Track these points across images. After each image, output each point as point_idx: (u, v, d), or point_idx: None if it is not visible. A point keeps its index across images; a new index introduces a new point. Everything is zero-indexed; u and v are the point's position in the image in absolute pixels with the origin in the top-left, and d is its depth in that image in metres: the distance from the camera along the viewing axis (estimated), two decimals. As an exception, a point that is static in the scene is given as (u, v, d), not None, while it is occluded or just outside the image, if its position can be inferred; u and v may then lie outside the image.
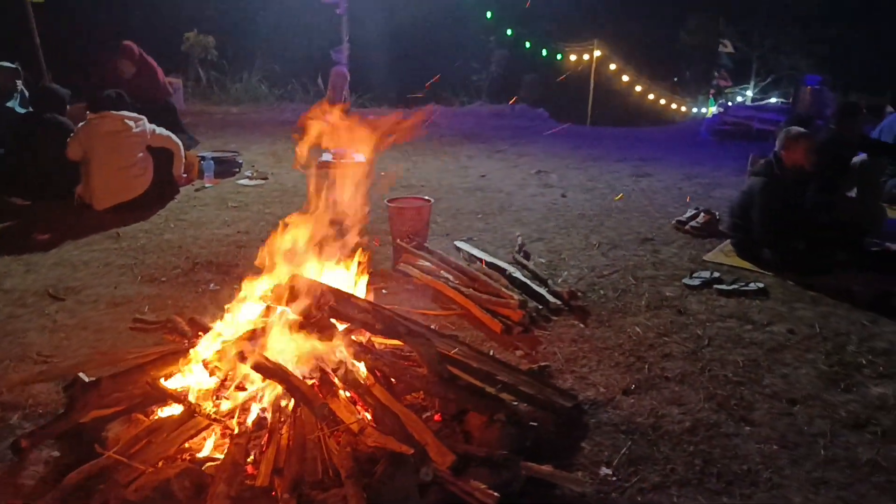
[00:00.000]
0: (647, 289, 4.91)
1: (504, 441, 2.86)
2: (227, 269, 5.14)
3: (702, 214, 6.24)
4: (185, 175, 7.32)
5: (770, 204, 5.22)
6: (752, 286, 4.88)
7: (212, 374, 2.91)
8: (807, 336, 4.18)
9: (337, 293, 3.07)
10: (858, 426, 3.24)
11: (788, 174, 5.29)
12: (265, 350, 2.91)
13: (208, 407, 2.87)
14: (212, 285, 4.83)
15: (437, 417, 3.10)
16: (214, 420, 2.78)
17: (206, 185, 7.52)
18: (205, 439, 2.87)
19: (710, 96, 16.80)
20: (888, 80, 14.53)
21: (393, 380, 3.13)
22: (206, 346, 3.04)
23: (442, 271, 4.85)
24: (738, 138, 11.86)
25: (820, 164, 5.69)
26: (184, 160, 7.08)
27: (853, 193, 6.86)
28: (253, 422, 2.82)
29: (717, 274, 5.09)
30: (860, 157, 6.71)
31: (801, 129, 5.42)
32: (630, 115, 14.71)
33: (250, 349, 2.85)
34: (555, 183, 8.25)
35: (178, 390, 2.94)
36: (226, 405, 2.91)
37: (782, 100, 15.18)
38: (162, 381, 3.01)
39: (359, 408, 2.93)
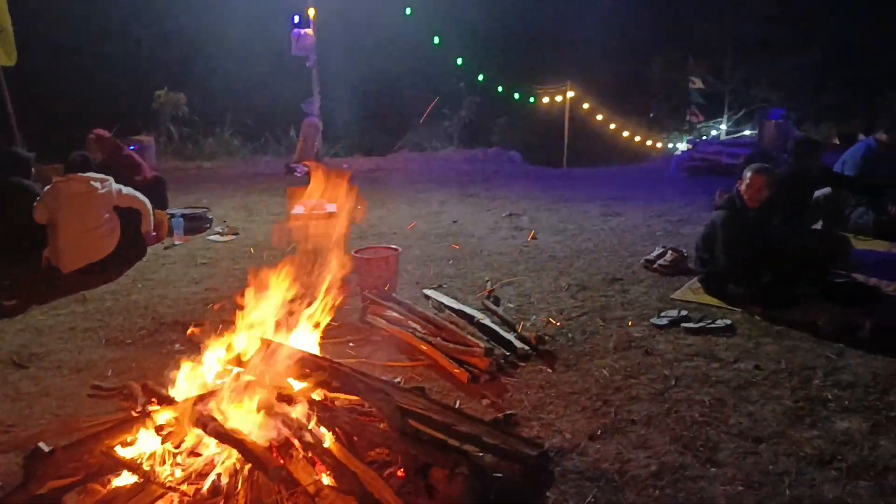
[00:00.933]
0: (616, 330, 4.91)
1: (467, 494, 2.83)
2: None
3: (669, 252, 6.28)
4: (154, 234, 7.29)
5: (732, 236, 5.27)
6: (720, 323, 4.90)
7: (165, 440, 2.86)
8: (773, 371, 4.19)
9: (293, 352, 3.05)
10: (823, 463, 3.23)
11: (748, 207, 5.36)
12: (219, 413, 2.87)
13: (164, 474, 2.81)
14: (177, 346, 4.78)
15: (400, 473, 3.06)
16: (169, 488, 2.73)
17: (176, 242, 7.50)
18: (162, 507, 2.82)
19: (683, 132, 17.07)
20: (861, 108, 14.87)
21: (354, 437, 3.10)
22: (160, 412, 2.99)
23: (409, 321, 4.84)
24: (707, 174, 12.01)
25: (783, 198, 5.78)
26: (152, 218, 7.06)
27: (818, 226, 6.97)
28: (208, 488, 2.77)
29: (684, 312, 5.11)
30: (824, 191, 6.82)
31: (761, 164, 5.50)
32: (605, 155, 14.86)
33: (204, 413, 2.81)
34: (526, 226, 8.29)
35: (134, 458, 2.89)
36: (181, 472, 2.86)
37: (755, 133, 15.45)
38: (118, 448, 2.96)
39: (318, 468, 2.89)
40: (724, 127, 16.92)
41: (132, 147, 10.57)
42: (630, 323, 4.82)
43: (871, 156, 7.20)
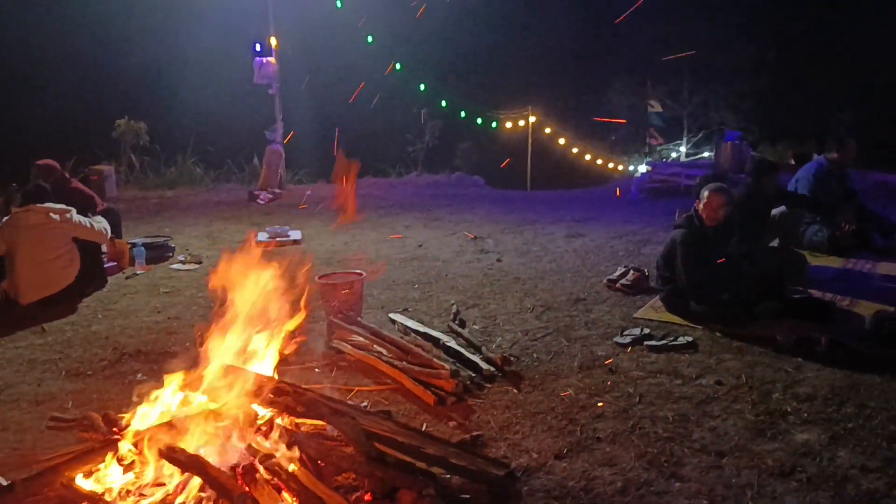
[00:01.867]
0: (580, 349, 4.96)
1: (435, 516, 2.82)
2: (156, 357, 5.03)
3: (631, 272, 6.37)
4: (114, 263, 7.20)
5: (691, 254, 5.36)
6: (682, 340, 4.97)
7: (127, 470, 2.82)
8: (734, 386, 4.26)
9: (256, 378, 3.03)
10: (784, 475, 3.28)
11: (707, 227, 5.47)
12: (182, 441, 2.84)
13: (126, 505, 2.77)
14: (139, 375, 4.71)
15: (367, 497, 3.04)
16: (130, 519, 2.69)
17: (138, 271, 7.41)
18: (125, 540, 2.77)
19: (644, 154, 17.35)
20: (812, 129, 15.27)
21: (320, 462, 3.08)
22: (121, 442, 2.95)
23: (375, 345, 4.83)
24: (667, 195, 12.22)
25: (741, 217, 5.90)
26: (113, 246, 6.97)
27: (775, 244, 7.12)
28: (171, 518, 2.73)
29: (647, 330, 5.18)
30: (780, 209, 6.98)
31: (718, 184, 5.62)
32: (568, 178, 15.04)
33: (165, 442, 2.78)
34: (490, 248, 8.35)
35: (95, 490, 2.84)
36: (145, 502, 2.82)
37: (713, 154, 15.77)
38: (79, 480, 2.91)
39: (284, 495, 2.87)
40: (683, 149, 17.26)
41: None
42: (608, 361, 4.83)
43: (822, 174, 7.39)
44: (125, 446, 2.91)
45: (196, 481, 2.83)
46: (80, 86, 15.44)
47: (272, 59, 13.20)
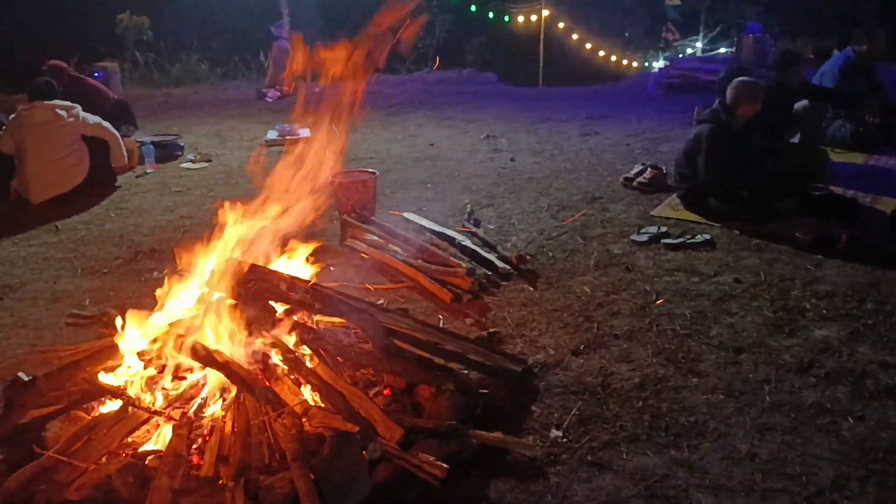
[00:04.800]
0: (596, 248, 4.91)
1: (453, 411, 2.84)
2: (171, 255, 4.99)
3: (648, 170, 6.25)
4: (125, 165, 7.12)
5: (717, 150, 5.23)
6: (699, 238, 4.91)
7: (148, 365, 2.84)
8: (752, 284, 4.23)
9: (273, 274, 3.01)
10: (802, 370, 3.29)
11: (735, 121, 5.31)
12: (202, 337, 2.84)
13: (148, 399, 2.80)
14: (155, 273, 4.71)
15: (386, 392, 3.07)
16: (153, 412, 2.72)
17: (148, 170, 7.33)
18: (149, 432, 2.81)
19: (659, 50, 16.82)
20: (835, 23, 14.68)
21: (339, 358, 3.09)
22: (142, 337, 2.96)
23: (390, 244, 4.80)
24: (684, 91, 11.89)
25: (763, 112, 5.72)
26: (123, 149, 6.86)
27: (796, 139, 6.95)
28: (194, 411, 2.76)
29: (664, 228, 5.12)
30: (802, 104, 6.77)
31: (751, 79, 5.42)
32: (581, 74, 14.62)
33: (187, 337, 2.78)
34: (504, 147, 8.19)
35: (116, 385, 2.87)
36: (165, 397, 2.84)
37: (731, 50, 15.25)
38: (100, 375, 2.93)
39: (304, 389, 2.89)
40: (699, 45, 16.71)
41: (96, 74, 10.27)
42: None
43: (849, 67, 7.13)
44: (145, 341, 2.92)
45: (216, 375, 2.85)
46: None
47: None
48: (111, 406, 2.87)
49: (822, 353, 3.43)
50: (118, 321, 3.05)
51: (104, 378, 2.91)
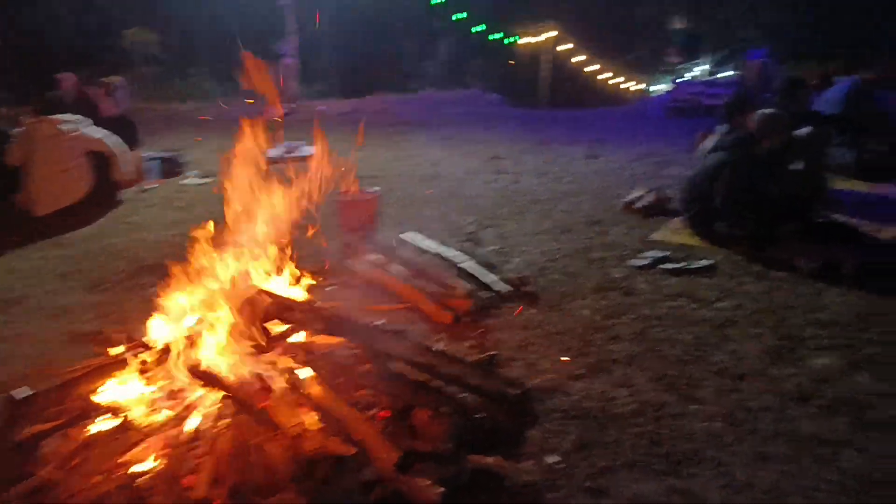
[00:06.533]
0: (596, 271, 4.91)
1: (450, 434, 2.83)
2: (171, 272, 5.01)
3: (650, 194, 6.27)
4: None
5: (744, 178, 5.25)
6: (701, 263, 4.90)
7: (147, 384, 2.83)
8: (754, 311, 4.22)
9: (274, 296, 3.01)
10: (803, 399, 3.26)
11: (760, 150, 5.34)
12: (201, 357, 2.84)
13: (145, 418, 2.79)
14: (156, 289, 4.71)
15: (383, 414, 3.06)
16: (149, 432, 2.71)
17: (147, 187, 7.36)
18: (145, 451, 2.80)
19: (664, 73, 16.92)
20: (841, 47, 14.73)
21: (338, 379, 3.08)
22: (141, 356, 2.95)
23: (390, 265, 4.80)
24: (688, 114, 11.94)
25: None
26: (127, 163, 6.89)
27: (799, 165, 6.94)
28: (190, 431, 2.75)
29: (664, 253, 5.11)
30: (805, 129, 6.78)
31: (774, 111, 5.47)
32: (587, 96, 14.70)
33: (186, 357, 2.78)
34: (509, 169, 8.22)
35: (114, 402, 2.86)
36: (163, 415, 2.84)
37: (737, 73, 15.30)
38: (97, 393, 2.93)
39: (301, 410, 2.88)
40: (706, 67, 16.80)
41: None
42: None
43: (854, 94, 7.16)
44: (145, 361, 2.91)
45: (215, 395, 2.84)
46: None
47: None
48: (108, 424, 2.85)
49: (823, 382, 3.41)
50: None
51: (102, 396, 2.90)
